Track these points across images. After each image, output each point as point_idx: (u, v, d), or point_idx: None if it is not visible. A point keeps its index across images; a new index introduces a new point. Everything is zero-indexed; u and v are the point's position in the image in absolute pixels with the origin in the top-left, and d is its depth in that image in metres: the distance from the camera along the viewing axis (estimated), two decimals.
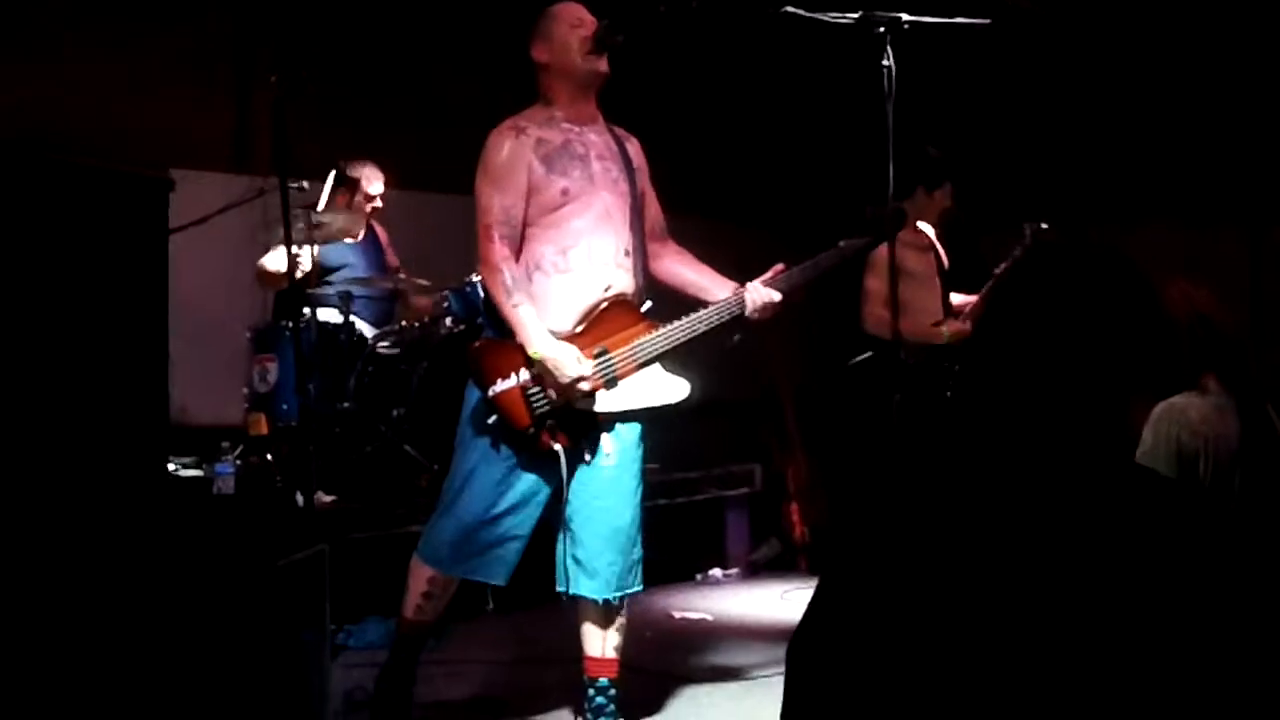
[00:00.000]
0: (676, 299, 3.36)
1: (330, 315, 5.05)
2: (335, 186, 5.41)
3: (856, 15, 3.17)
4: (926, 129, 4.43)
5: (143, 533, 2.50)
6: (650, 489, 3.35)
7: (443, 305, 5.00)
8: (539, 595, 3.35)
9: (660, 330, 3.19)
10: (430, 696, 3.56)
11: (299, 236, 4.47)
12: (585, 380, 3.07)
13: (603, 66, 3.19)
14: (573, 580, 3.17)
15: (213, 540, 2.72)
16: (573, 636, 3.27)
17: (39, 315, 2.42)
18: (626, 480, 3.20)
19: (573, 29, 3.18)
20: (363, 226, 5.35)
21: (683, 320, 3.21)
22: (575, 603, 3.22)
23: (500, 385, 3.09)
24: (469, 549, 3.18)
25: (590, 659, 3.24)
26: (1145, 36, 5.96)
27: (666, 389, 3.20)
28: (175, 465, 4.85)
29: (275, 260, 5.00)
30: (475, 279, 4.63)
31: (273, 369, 4.99)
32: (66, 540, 2.35)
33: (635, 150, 3.35)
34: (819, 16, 3.17)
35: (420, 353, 5.07)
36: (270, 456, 4.93)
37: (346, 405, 4.94)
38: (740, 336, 3.30)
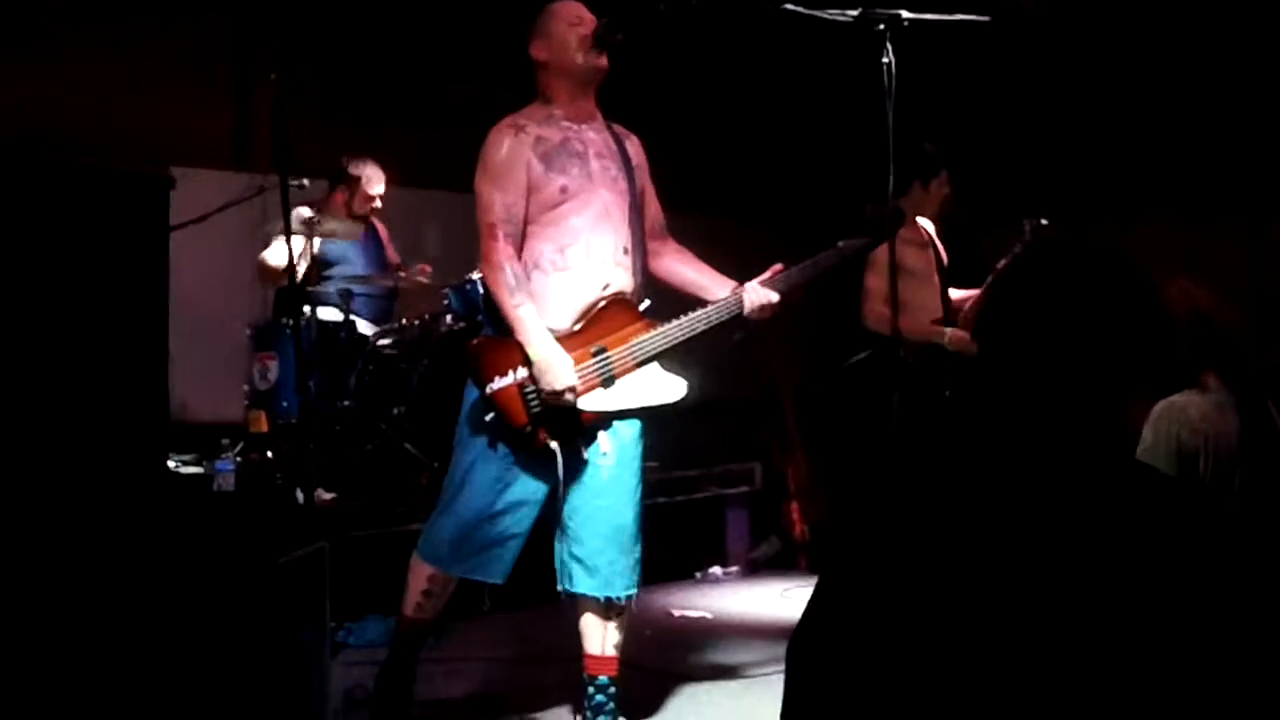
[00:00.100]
0: (675, 298, 3.36)
1: (330, 313, 5.05)
2: (335, 184, 5.41)
3: (856, 13, 3.17)
4: (926, 126, 4.43)
5: (143, 530, 2.50)
6: (650, 487, 3.35)
7: (443, 303, 5.00)
8: (539, 594, 3.35)
9: (659, 329, 3.19)
10: (430, 694, 3.56)
11: (299, 230, 4.47)
12: (572, 392, 3.07)
13: (602, 64, 3.19)
14: (573, 578, 3.17)
15: (213, 538, 2.72)
16: (572, 635, 3.27)
17: (40, 313, 2.42)
18: (626, 479, 3.20)
19: (571, 27, 3.18)
20: (362, 229, 5.35)
21: (681, 319, 3.21)
22: (575, 601, 3.22)
23: (498, 383, 3.09)
24: (468, 547, 3.18)
25: (590, 657, 3.23)
26: (1145, 34, 5.96)
27: (664, 388, 3.20)
28: (175, 462, 4.86)
29: (276, 255, 5.00)
30: (475, 277, 4.63)
31: (273, 366, 5.00)
32: (67, 537, 2.35)
33: (635, 148, 3.35)
34: (819, 14, 3.17)
35: (420, 351, 5.07)
36: (270, 454, 4.93)
37: (347, 403, 4.95)
38: (741, 336, 3.30)
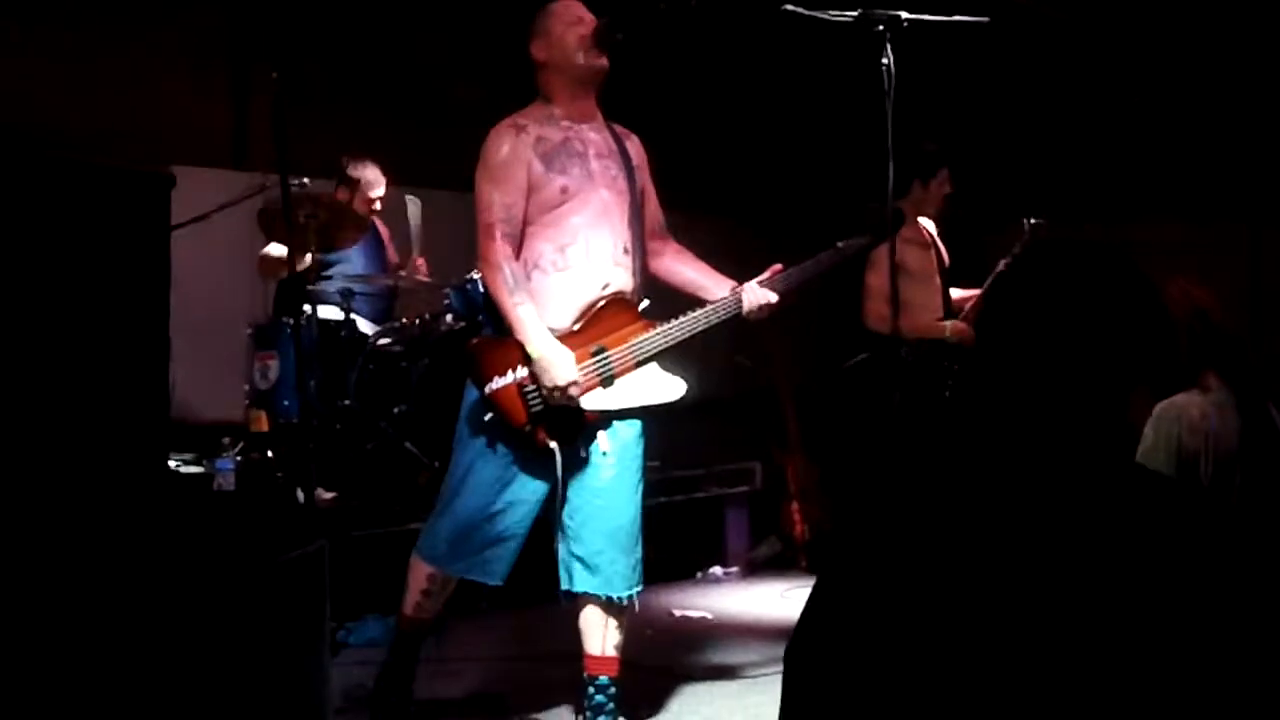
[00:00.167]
0: (675, 298, 3.36)
1: (331, 312, 5.05)
2: (335, 185, 5.40)
3: (856, 13, 3.17)
4: (926, 126, 4.42)
5: (143, 529, 2.50)
6: (650, 487, 3.35)
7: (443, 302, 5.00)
8: (539, 594, 3.34)
9: (658, 329, 3.19)
10: (430, 694, 3.55)
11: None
12: (575, 386, 3.07)
13: (602, 64, 3.19)
14: (574, 578, 3.17)
15: (213, 536, 2.72)
16: (573, 634, 3.27)
17: (40, 312, 2.42)
18: (626, 478, 3.20)
19: (571, 27, 3.18)
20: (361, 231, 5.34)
21: (680, 319, 3.21)
22: (575, 601, 3.22)
23: (497, 382, 3.09)
24: (467, 547, 3.18)
25: (590, 657, 3.23)
26: (1145, 34, 5.96)
27: (663, 388, 3.20)
28: (176, 462, 4.86)
29: (279, 248, 4.99)
30: (476, 276, 4.62)
31: (273, 366, 5.00)
32: (66, 536, 2.35)
33: (635, 148, 3.35)
34: (819, 14, 3.18)
35: (421, 350, 5.07)
36: (271, 453, 4.94)
37: (347, 402, 4.94)
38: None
